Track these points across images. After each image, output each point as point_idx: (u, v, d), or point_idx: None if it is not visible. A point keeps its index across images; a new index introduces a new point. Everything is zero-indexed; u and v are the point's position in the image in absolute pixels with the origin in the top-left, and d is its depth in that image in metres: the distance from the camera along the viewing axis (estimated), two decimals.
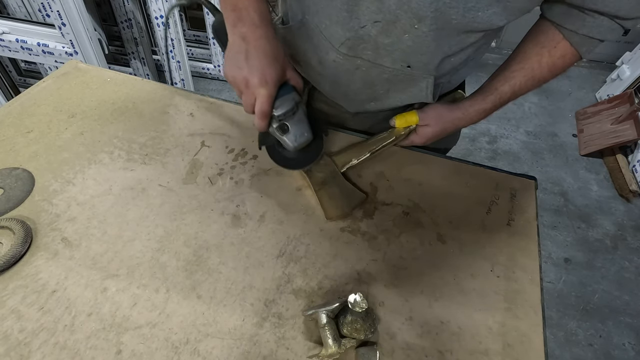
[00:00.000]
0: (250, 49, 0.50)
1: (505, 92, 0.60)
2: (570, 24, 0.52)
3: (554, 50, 0.55)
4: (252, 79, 0.49)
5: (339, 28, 0.54)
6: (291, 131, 0.54)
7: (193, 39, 2.34)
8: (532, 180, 0.70)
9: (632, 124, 1.98)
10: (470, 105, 0.62)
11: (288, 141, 0.55)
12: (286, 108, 0.52)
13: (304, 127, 0.55)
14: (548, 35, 0.55)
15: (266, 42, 0.50)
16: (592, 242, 1.74)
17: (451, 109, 0.63)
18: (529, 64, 0.57)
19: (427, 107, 0.65)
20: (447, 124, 0.64)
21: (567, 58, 0.56)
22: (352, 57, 0.57)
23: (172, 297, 0.50)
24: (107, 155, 0.65)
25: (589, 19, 0.50)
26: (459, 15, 0.47)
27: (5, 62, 1.98)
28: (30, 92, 0.74)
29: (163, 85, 0.79)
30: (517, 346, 0.49)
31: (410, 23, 0.49)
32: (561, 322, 1.48)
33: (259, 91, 0.50)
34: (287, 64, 0.54)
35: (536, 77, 0.58)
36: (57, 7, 1.44)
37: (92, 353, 0.44)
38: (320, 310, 0.46)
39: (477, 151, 2.11)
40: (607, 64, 2.64)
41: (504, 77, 0.59)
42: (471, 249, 0.58)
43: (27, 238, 0.52)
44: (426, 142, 0.67)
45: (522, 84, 0.59)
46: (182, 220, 0.58)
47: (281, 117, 0.53)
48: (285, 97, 0.53)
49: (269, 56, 0.50)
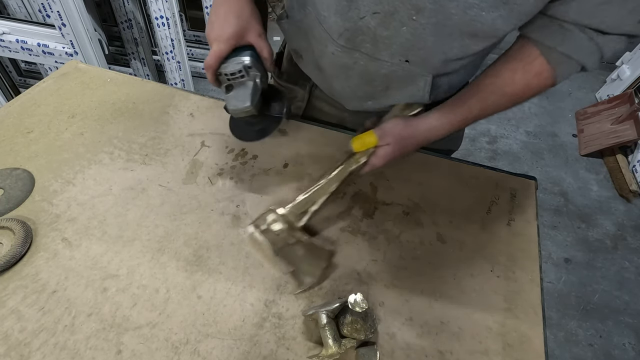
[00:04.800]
0: (217, 7, 0.54)
1: (474, 106, 0.56)
2: (549, 39, 0.49)
3: (529, 66, 0.51)
4: (211, 33, 0.53)
5: (339, 18, 0.53)
6: (232, 94, 0.54)
7: (193, 39, 2.34)
8: (532, 181, 0.70)
9: (632, 124, 1.98)
10: (436, 119, 0.58)
11: (227, 102, 0.54)
12: (231, 69, 0.53)
13: (246, 94, 0.53)
14: (524, 50, 0.52)
15: (232, 2, 0.53)
16: (592, 242, 1.74)
17: (412, 124, 0.58)
18: (501, 80, 0.54)
19: (385, 125, 0.59)
20: (408, 141, 0.59)
21: (543, 77, 0.51)
22: (350, 49, 0.56)
23: (172, 298, 0.50)
24: (107, 156, 0.65)
25: (568, 34, 0.47)
26: (460, 10, 0.45)
27: (5, 62, 1.98)
28: (31, 92, 0.74)
29: (163, 85, 0.79)
30: (517, 346, 0.49)
31: (408, 15, 0.48)
32: (561, 322, 1.48)
33: (212, 45, 0.53)
34: (253, 27, 0.54)
35: (507, 93, 0.54)
36: (57, 8, 1.44)
37: (92, 353, 0.44)
38: (320, 311, 0.46)
39: (477, 151, 2.11)
40: (607, 64, 2.64)
41: (475, 89, 0.56)
42: (471, 249, 0.58)
43: (27, 238, 0.52)
44: (386, 163, 0.59)
45: (493, 100, 0.55)
46: (182, 220, 0.58)
47: (228, 77, 0.53)
48: (237, 58, 0.53)
49: (231, 14, 0.53)
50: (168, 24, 1.79)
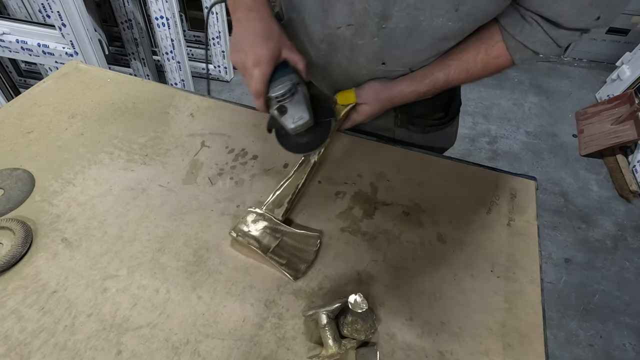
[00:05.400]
0: (244, 32, 0.52)
1: (440, 79, 0.61)
2: (511, 27, 0.53)
3: (491, 49, 0.56)
4: (247, 60, 0.51)
5: (318, 26, 0.57)
6: (289, 113, 0.53)
7: (193, 39, 2.34)
8: (532, 181, 0.70)
9: (632, 125, 1.98)
10: (407, 86, 0.64)
11: (286, 124, 0.53)
12: (283, 89, 0.51)
13: (302, 109, 0.53)
14: (490, 33, 0.56)
15: (258, 23, 0.52)
16: (592, 242, 1.74)
17: (388, 87, 0.65)
18: (465, 57, 0.58)
19: (365, 85, 0.66)
20: (384, 102, 0.66)
21: (501, 60, 0.56)
22: (332, 52, 0.61)
23: (173, 298, 0.50)
24: (108, 156, 0.65)
25: (527, 26, 0.51)
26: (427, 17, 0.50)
27: (5, 62, 1.98)
28: (31, 92, 0.74)
29: (163, 85, 0.79)
30: (518, 347, 0.49)
31: (377, 25, 0.53)
32: (561, 322, 1.48)
33: (253, 72, 0.51)
34: (284, 43, 0.54)
35: (470, 71, 0.59)
36: (57, 8, 1.44)
37: (92, 353, 0.44)
38: (320, 311, 0.46)
39: (477, 151, 2.11)
40: (607, 64, 2.64)
41: (442, 64, 0.60)
42: (471, 249, 0.58)
43: (28, 239, 0.52)
44: (365, 119, 0.68)
45: (455, 75, 0.60)
46: (182, 220, 0.58)
47: (279, 98, 0.52)
48: (282, 77, 0.52)
49: (262, 36, 0.52)
50: (168, 24, 1.79)
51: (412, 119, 0.75)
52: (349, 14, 0.53)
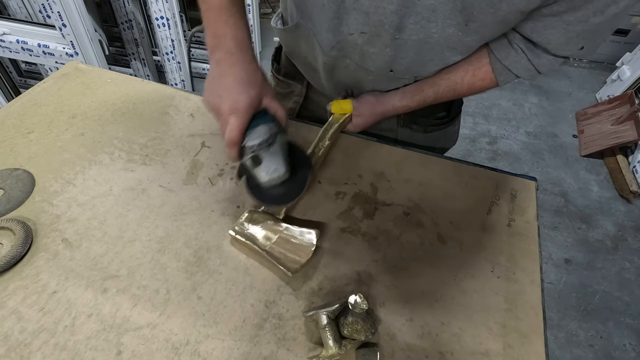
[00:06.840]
0: (224, 75, 0.49)
1: (429, 96, 0.65)
2: (499, 51, 0.57)
3: (478, 71, 0.60)
4: (223, 105, 0.47)
5: (330, 34, 0.58)
6: (264, 164, 0.49)
7: (193, 39, 2.34)
8: (533, 181, 0.70)
9: (632, 125, 1.98)
10: (399, 101, 0.68)
11: (260, 176, 0.50)
12: (259, 139, 0.47)
13: (278, 161, 0.50)
14: (478, 56, 0.59)
15: (240, 69, 0.49)
16: (592, 242, 1.74)
17: (382, 102, 0.69)
18: (453, 77, 0.62)
19: (361, 99, 0.70)
20: (377, 116, 0.71)
21: (486, 82, 0.60)
22: (342, 57, 0.62)
23: (173, 298, 0.50)
24: (108, 156, 0.65)
25: (512, 52, 0.55)
26: (439, 29, 0.51)
27: (5, 63, 1.99)
28: (31, 92, 0.74)
29: (163, 86, 0.79)
30: (518, 347, 0.49)
31: (391, 36, 0.54)
32: (562, 323, 1.48)
33: (229, 119, 0.47)
34: (266, 91, 0.51)
35: (457, 90, 0.63)
36: (57, 8, 1.44)
37: (92, 354, 0.44)
38: (320, 311, 0.46)
39: (478, 152, 2.11)
40: (607, 64, 2.65)
41: (432, 82, 0.64)
42: (471, 250, 0.58)
43: (28, 239, 0.52)
44: (358, 131, 0.73)
45: (443, 93, 0.64)
46: (182, 221, 0.58)
47: (254, 149, 0.47)
48: (260, 127, 0.48)
49: (243, 82, 0.48)
50: (168, 24, 1.79)
51: (414, 118, 0.76)
52: (364, 23, 0.54)
